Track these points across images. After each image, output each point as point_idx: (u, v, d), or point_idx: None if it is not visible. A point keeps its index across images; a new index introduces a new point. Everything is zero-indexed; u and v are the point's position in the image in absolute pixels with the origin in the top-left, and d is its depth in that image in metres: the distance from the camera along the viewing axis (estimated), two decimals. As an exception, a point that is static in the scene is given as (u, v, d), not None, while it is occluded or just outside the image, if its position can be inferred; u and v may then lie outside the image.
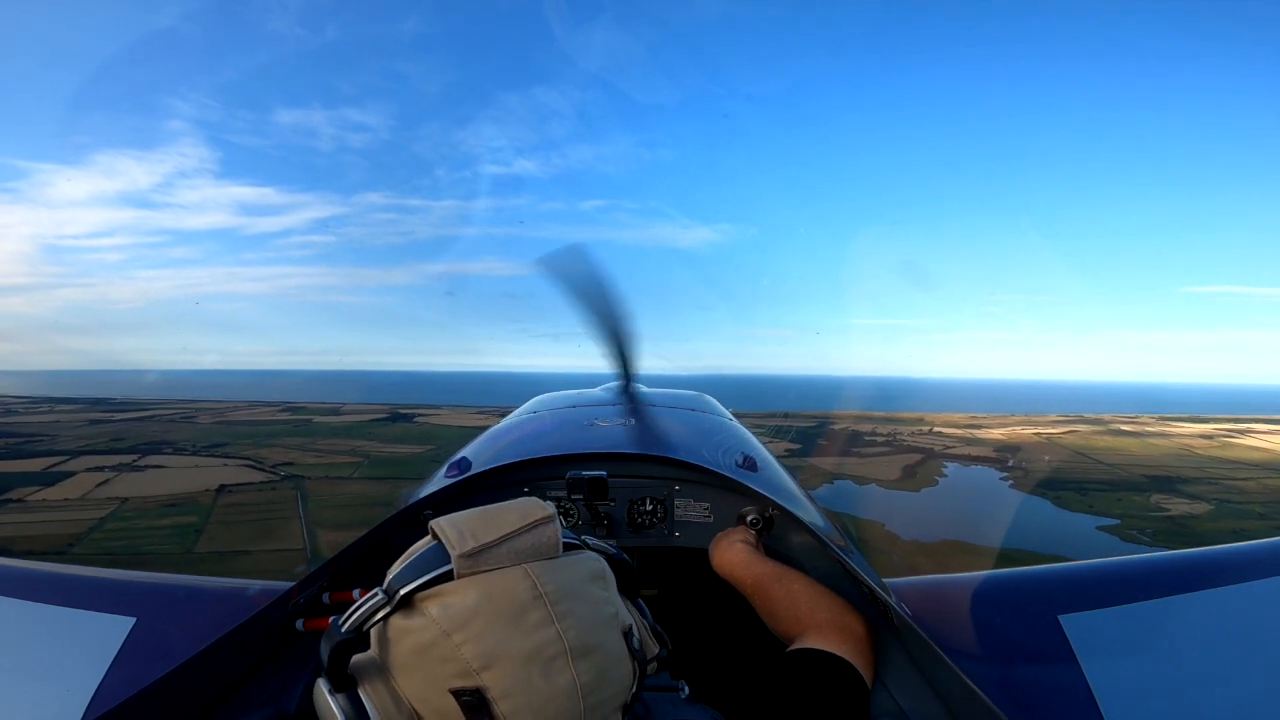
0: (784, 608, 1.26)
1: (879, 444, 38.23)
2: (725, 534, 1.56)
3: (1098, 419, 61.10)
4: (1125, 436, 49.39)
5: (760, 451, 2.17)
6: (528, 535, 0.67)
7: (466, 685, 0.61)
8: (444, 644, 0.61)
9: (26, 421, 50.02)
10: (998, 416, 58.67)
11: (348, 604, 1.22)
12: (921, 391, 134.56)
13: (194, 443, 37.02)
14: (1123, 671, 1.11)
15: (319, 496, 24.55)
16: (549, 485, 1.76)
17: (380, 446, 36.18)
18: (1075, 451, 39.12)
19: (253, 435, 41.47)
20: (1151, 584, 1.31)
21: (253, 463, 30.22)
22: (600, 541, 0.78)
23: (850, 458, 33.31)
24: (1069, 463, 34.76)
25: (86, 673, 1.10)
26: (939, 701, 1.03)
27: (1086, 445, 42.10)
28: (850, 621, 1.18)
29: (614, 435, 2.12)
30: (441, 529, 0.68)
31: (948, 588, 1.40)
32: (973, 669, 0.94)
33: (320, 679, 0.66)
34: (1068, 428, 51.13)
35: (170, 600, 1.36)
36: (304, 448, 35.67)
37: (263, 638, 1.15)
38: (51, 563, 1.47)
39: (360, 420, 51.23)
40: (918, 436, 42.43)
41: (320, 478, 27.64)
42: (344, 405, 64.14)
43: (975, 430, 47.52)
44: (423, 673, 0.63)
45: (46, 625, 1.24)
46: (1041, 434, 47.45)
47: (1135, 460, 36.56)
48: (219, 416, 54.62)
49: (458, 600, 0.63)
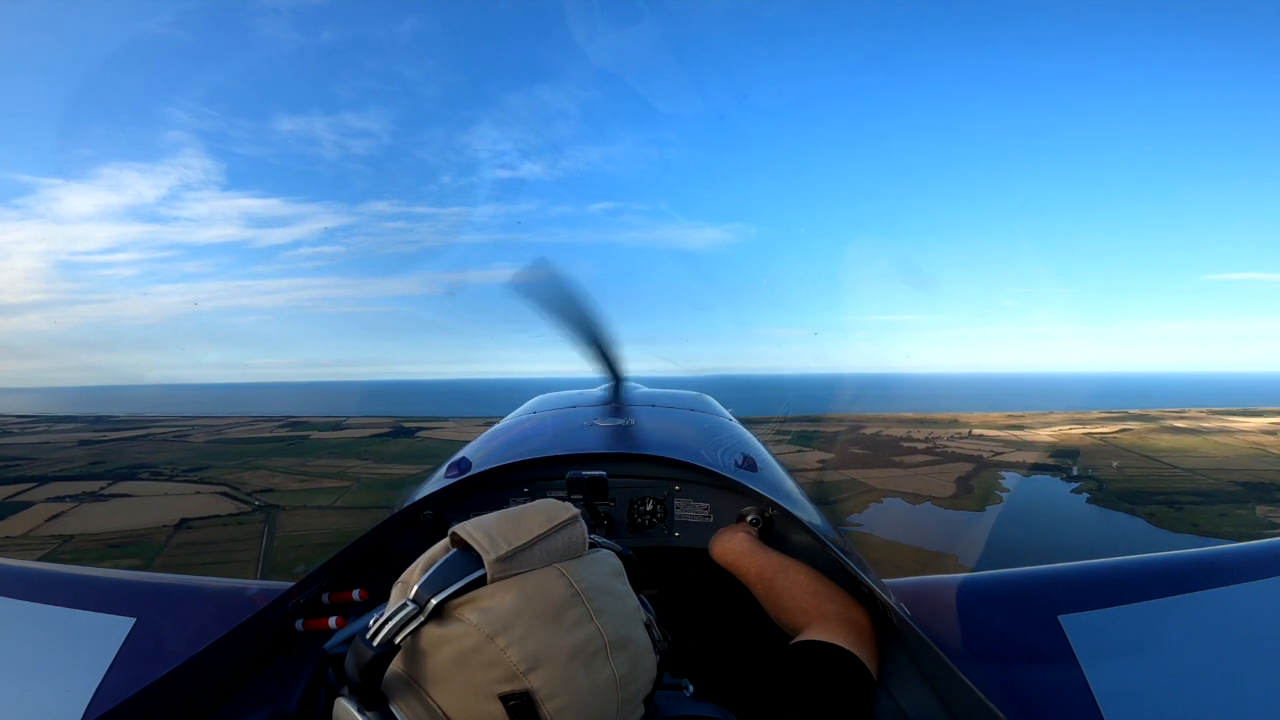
0: (788, 599, 1.26)
1: (919, 451, 34.49)
2: (727, 527, 1.58)
3: (1144, 414, 56.80)
4: (1184, 434, 45.15)
5: (760, 451, 2.17)
6: (557, 536, 0.67)
7: (514, 689, 0.59)
8: (488, 649, 0.60)
9: (15, 443, 47.95)
10: (1037, 414, 54.59)
11: (347, 604, 1.27)
12: (941, 387, 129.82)
13: (176, 466, 34.38)
14: (1123, 671, 1.10)
15: (289, 532, 21.53)
16: (549, 485, 1.76)
17: (373, 467, 33.44)
18: (1140, 454, 35.22)
19: (243, 455, 38.95)
20: (1151, 584, 1.30)
21: (229, 489, 27.38)
22: (606, 539, 0.78)
23: (892, 469, 29.57)
24: (1141, 469, 30.95)
25: (86, 673, 1.10)
26: (939, 702, 1.02)
27: (1147, 446, 38.17)
28: (855, 613, 1.19)
29: (614, 435, 2.12)
30: (470, 534, 0.66)
31: (948, 588, 1.36)
32: (973, 669, 0.95)
33: (343, 697, 0.64)
34: (1117, 425, 47.11)
35: (170, 600, 1.35)
36: (292, 470, 32.97)
37: (262, 638, 1.14)
38: (51, 563, 1.46)
39: (361, 436, 48.66)
40: (958, 441, 38.66)
41: (298, 507, 24.68)
42: (347, 419, 61.71)
43: (1018, 431, 43.63)
44: (463, 681, 0.61)
45: (46, 625, 1.23)
46: (1093, 434, 43.38)
47: (1213, 463, 32.57)
48: (216, 434, 52.34)
49: (496, 604, 0.62)
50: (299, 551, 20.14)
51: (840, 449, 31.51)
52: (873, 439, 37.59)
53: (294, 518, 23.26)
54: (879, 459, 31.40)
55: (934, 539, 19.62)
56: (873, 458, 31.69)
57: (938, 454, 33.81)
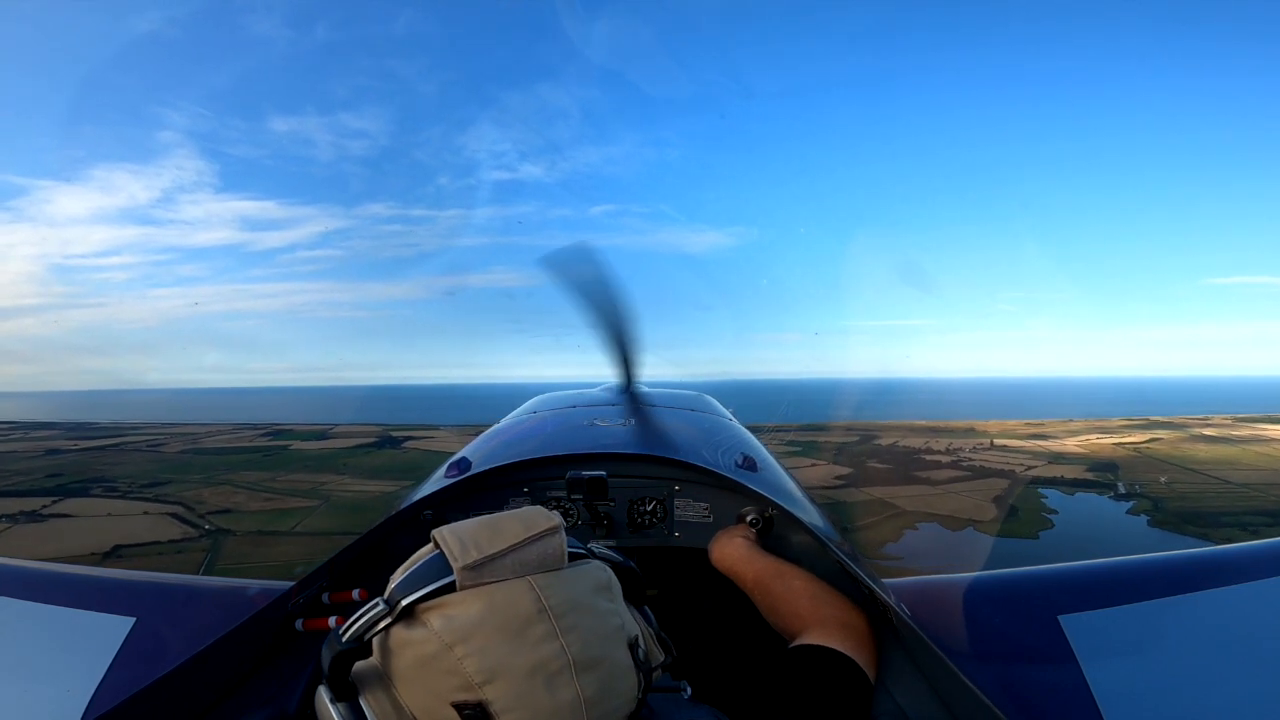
0: (785, 604, 1.26)
1: (943, 465, 31.70)
2: (725, 531, 1.58)
3: (1168, 421, 53.98)
4: (1219, 444, 42.35)
5: (760, 451, 2.19)
6: (533, 547, 0.66)
7: (469, 699, 0.60)
8: (446, 656, 0.61)
9: (-21, 454, 45.16)
10: (1057, 422, 51.70)
11: (347, 604, 1.28)
12: (945, 392, 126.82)
13: (134, 480, 31.55)
14: (1123, 671, 1.11)
15: (230, 564, 18.69)
16: (549, 485, 1.76)
17: (347, 483, 30.67)
18: (1182, 466, 32.48)
19: (212, 468, 36.13)
20: (1151, 584, 1.30)
21: (183, 509, 24.60)
22: (606, 550, 0.76)
23: (918, 485, 26.77)
24: (1191, 484, 28.24)
25: (86, 673, 1.10)
26: (939, 702, 1.03)
27: (1186, 456, 35.44)
28: (852, 617, 1.18)
29: (613, 435, 2.14)
30: (444, 539, 0.66)
31: (948, 588, 1.37)
32: (973, 669, 0.94)
33: (321, 686, 0.66)
34: (1145, 435, 44.32)
35: (170, 600, 1.36)
36: (260, 485, 30.15)
37: (262, 638, 1.15)
38: (51, 563, 1.46)
39: (344, 446, 45.72)
40: (982, 453, 35.88)
41: (250, 533, 21.89)
42: (334, 427, 58.71)
43: (1042, 442, 40.81)
44: (425, 684, 0.62)
45: (46, 625, 1.24)
46: (1124, 444, 40.58)
47: (1264, 477, 29.86)
48: (192, 443, 49.50)
49: (460, 613, 0.62)
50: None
51: (859, 462, 28.79)
52: (890, 450, 34.82)
53: (241, 545, 20.50)
54: (902, 474, 28.65)
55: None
56: (895, 473, 28.93)
57: (964, 468, 30.98)
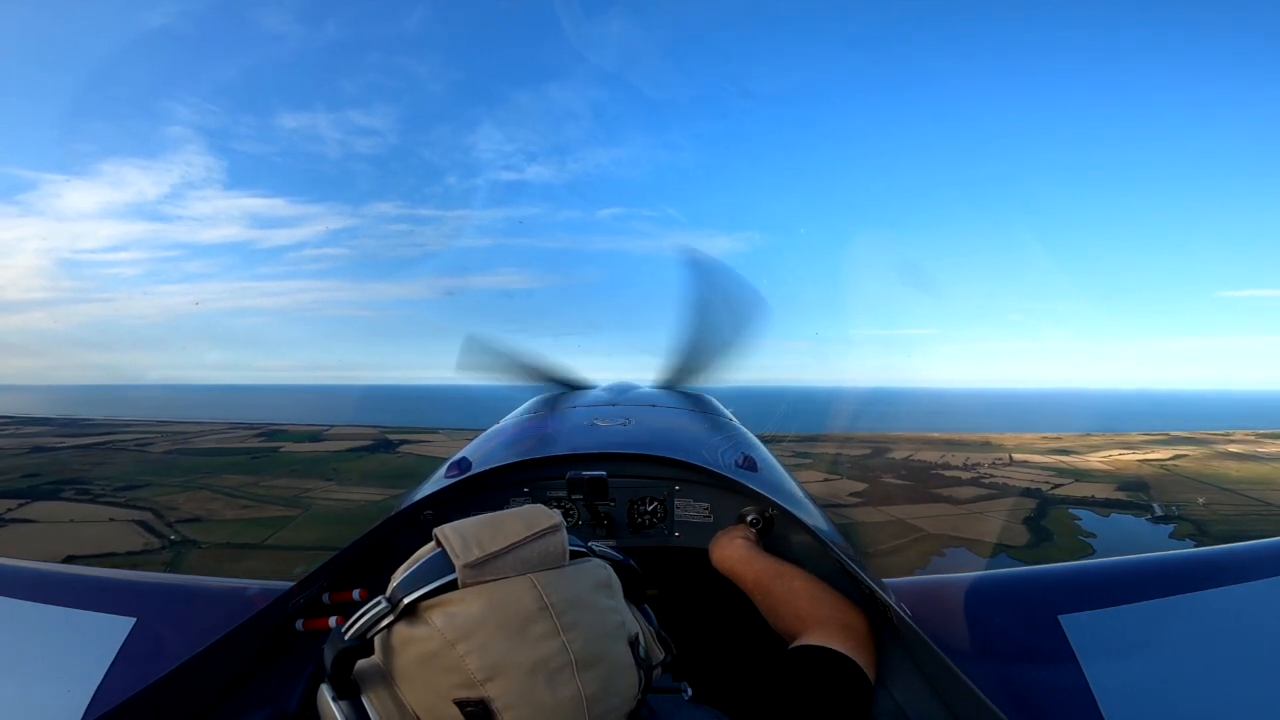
0: (785, 604, 1.26)
1: (964, 481, 29.88)
2: (726, 531, 1.58)
3: (1190, 436, 51.85)
4: (1248, 461, 40.33)
5: (760, 451, 2.19)
6: (534, 545, 0.67)
7: (470, 696, 0.61)
8: (448, 654, 0.61)
9: (-37, 451, 43.84)
10: (1076, 436, 49.66)
11: (348, 604, 1.28)
12: (954, 403, 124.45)
13: (110, 483, 30.05)
14: (1123, 671, 1.11)
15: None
16: (549, 485, 1.77)
17: (333, 490, 29.02)
18: (1216, 486, 30.56)
19: (194, 470, 34.52)
20: (1151, 584, 1.30)
21: (152, 515, 23.08)
22: (606, 548, 0.77)
23: (939, 504, 24.96)
24: (1229, 504, 26.37)
25: (86, 673, 1.11)
26: (939, 701, 1.03)
27: (1217, 475, 33.47)
28: (851, 618, 1.18)
29: (614, 435, 2.14)
30: (446, 537, 0.67)
31: (948, 588, 1.37)
32: (973, 669, 0.97)
33: (324, 684, 0.66)
34: (1169, 451, 42.37)
35: (170, 600, 1.36)
36: (241, 491, 28.53)
37: (262, 638, 1.16)
38: (51, 563, 1.45)
39: (336, 449, 44.05)
40: (1003, 469, 34.00)
41: (219, 545, 20.30)
42: (328, 429, 57.16)
43: (1064, 457, 38.88)
44: (426, 682, 0.63)
45: (46, 625, 1.24)
46: (1150, 460, 38.63)
47: (1308, 500, 27.90)
48: (181, 443, 48.04)
49: (462, 610, 0.63)
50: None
51: (874, 477, 27.03)
52: (905, 464, 33.02)
53: (206, 560, 18.88)
54: (921, 492, 26.85)
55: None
56: (913, 490, 27.11)
57: (986, 485, 29.18)
